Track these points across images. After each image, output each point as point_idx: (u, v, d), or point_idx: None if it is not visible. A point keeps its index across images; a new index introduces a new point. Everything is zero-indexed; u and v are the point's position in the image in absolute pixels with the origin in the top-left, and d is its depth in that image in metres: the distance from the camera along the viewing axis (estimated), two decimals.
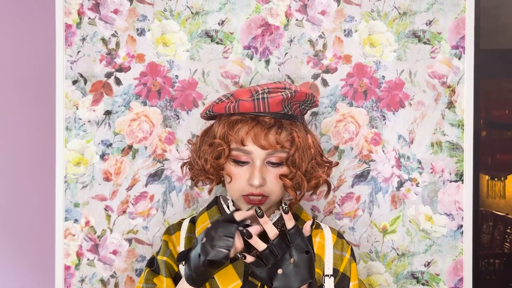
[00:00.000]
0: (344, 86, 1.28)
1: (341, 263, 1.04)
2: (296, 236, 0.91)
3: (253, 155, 0.98)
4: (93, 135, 1.28)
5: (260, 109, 0.97)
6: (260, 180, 0.97)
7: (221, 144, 0.99)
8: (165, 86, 1.28)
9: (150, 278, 1.05)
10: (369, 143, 1.28)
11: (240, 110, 0.98)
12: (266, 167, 0.99)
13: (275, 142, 0.97)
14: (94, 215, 1.28)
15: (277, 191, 1.01)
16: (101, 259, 1.29)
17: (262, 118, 0.98)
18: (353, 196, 1.28)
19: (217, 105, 1.01)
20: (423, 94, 1.28)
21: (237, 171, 1.00)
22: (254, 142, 0.97)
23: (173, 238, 1.09)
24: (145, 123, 1.28)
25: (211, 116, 1.06)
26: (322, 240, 1.06)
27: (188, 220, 1.11)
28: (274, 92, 0.98)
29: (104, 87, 1.29)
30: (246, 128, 0.98)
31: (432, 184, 1.28)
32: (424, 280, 1.28)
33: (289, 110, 1.00)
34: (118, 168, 1.28)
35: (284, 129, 0.99)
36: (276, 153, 0.98)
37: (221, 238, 0.90)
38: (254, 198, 0.99)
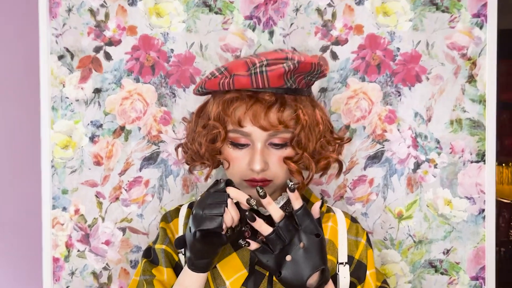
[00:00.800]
0: (355, 59, 1.18)
1: (356, 250, 0.95)
2: (304, 217, 0.81)
3: (253, 137, 0.88)
4: (81, 115, 1.18)
5: (258, 85, 0.86)
6: (262, 165, 0.87)
7: (216, 126, 0.89)
8: (160, 61, 1.18)
9: (148, 269, 0.95)
10: (383, 122, 1.18)
11: (235, 86, 0.87)
12: (268, 149, 0.89)
13: (277, 122, 0.87)
14: (84, 202, 1.19)
15: (282, 175, 0.91)
16: (92, 250, 1.19)
17: (262, 95, 0.87)
18: (365, 179, 1.18)
19: (210, 81, 0.90)
20: (441, 68, 1.18)
21: (235, 155, 0.90)
22: (253, 123, 0.86)
23: (171, 225, 0.99)
24: (138, 101, 1.18)
25: (204, 93, 0.96)
26: (335, 224, 0.96)
27: (186, 206, 1.01)
28: (274, 64, 0.86)
29: (93, 63, 1.18)
30: (243, 107, 0.87)
31: (452, 165, 1.18)
32: (442, 269, 1.19)
33: (293, 84, 0.88)
34: (109, 151, 1.18)
35: (288, 106, 0.88)
36: (279, 133, 0.88)
37: (212, 206, 0.81)
38: (257, 183, 0.89)
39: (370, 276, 0.94)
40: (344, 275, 0.92)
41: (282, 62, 0.86)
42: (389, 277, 1.19)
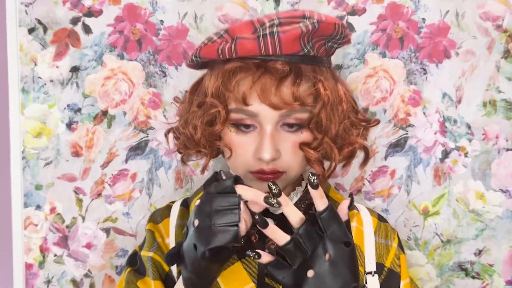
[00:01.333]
0: (374, 32, 1.02)
1: (386, 256, 0.79)
2: (331, 221, 0.62)
3: (261, 118, 0.71)
4: (57, 98, 1.01)
5: (268, 51, 0.69)
6: (272, 153, 0.70)
7: (215, 104, 0.72)
8: (147, 34, 1.01)
9: (133, 281, 0.79)
10: (406, 104, 1.03)
11: (239, 53, 0.70)
12: (279, 133, 0.72)
13: (291, 98, 0.70)
14: (61, 199, 1.02)
15: (297, 166, 0.74)
16: (71, 254, 1.03)
17: (272, 64, 0.70)
18: (386, 170, 1.03)
19: (206, 48, 0.73)
20: (473, 41, 1.02)
21: (239, 141, 0.74)
22: (262, 100, 0.70)
23: (160, 227, 0.83)
24: (123, 82, 1.01)
25: (200, 64, 0.79)
26: (360, 225, 0.80)
27: (179, 203, 0.85)
28: (288, 24, 0.70)
29: (70, 37, 1.01)
30: (249, 80, 0.70)
31: (485, 153, 1.03)
32: (474, 272, 1.04)
33: (311, 50, 0.71)
34: (89, 140, 1.02)
35: (305, 78, 0.71)
36: (294, 113, 0.71)
37: (221, 213, 0.63)
38: (267, 175, 0.73)
39: (404, 287, 0.78)
40: (374, 287, 0.75)
41: (298, 22, 0.69)
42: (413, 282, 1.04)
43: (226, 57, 0.71)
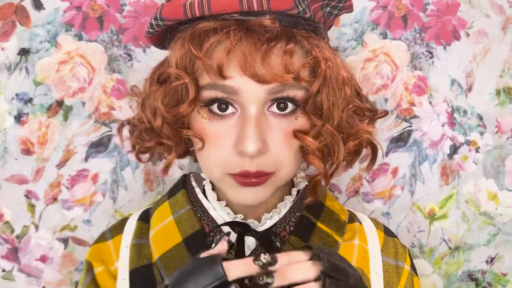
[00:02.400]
0: (374, 9, 0.89)
1: (397, 280, 0.65)
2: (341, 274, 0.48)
3: (243, 97, 0.55)
4: (3, 86, 0.87)
5: (252, 5, 0.53)
6: (258, 144, 0.54)
7: (180, 77, 0.56)
8: (110, 10, 0.87)
9: None
10: (410, 92, 0.90)
11: (213, 9, 0.53)
12: (267, 119, 0.57)
13: (283, 69, 0.54)
14: (10, 205, 0.88)
15: (290, 162, 0.58)
16: (23, 269, 0.89)
17: (258, 21, 0.54)
18: (388, 168, 0.91)
19: (170, 4, 0.56)
20: (485, 20, 0.91)
21: (213, 129, 0.57)
22: (244, 71, 0.53)
23: (109, 246, 0.66)
24: (82, 66, 0.87)
25: (163, 34, 0.62)
26: (363, 242, 0.66)
27: (136, 216, 0.69)
28: None
29: (17, 14, 0.86)
30: (226, 44, 0.54)
31: (498, 148, 0.92)
32: (485, 282, 0.94)
33: (306, 10, 0.55)
34: (43, 135, 0.87)
35: (299, 44, 0.56)
36: (286, 89, 0.55)
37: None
38: (251, 179, 0.57)
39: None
40: None
41: None
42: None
43: (196, 15, 0.54)
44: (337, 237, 0.63)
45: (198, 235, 0.61)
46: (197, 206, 0.64)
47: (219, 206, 0.63)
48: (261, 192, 0.57)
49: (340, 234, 0.64)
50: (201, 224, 0.63)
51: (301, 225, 0.63)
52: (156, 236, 0.63)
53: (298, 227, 0.63)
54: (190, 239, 0.61)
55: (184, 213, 0.64)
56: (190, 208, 0.64)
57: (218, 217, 0.63)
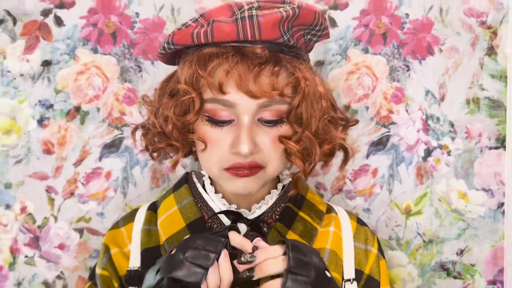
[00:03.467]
0: (357, 27, 0.99)
1: (366, 262, 0.76)
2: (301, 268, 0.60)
3: (238, 109, 0.67)
4: (27, 93, 0.97)
5: (246, 35, 0.65)
6: (250, 146, 0.66)
7: (188, 92, 0.67)
8: (122, 27, 0.97)
9: None
10: (389, 101, 1.00)
11: (215, 37, 0.65)
12: (258, 127, 0.68)
13: (270, 87, 0.65)
14: (33, 199, 0.98)
15: (276, 161, 0.70)
16: (43, 255, 0.99)
17: (251, 49, 0.65)
18: (368, 169, 1.01)
19: (180, 33, 0.68)
20: (456, 38, 1.00)
21: (214, 134, 0.69)
22: (239, 88, 0.65)
23: (122, 232, 0.78)
24: (97, 77, 0.98)
25: (172, 55, 0.74)
26: (338, 229, 0.77)
27: (146, 207, 0.81)
28: (267, 8, 0.66)
29: (41, 30, 0.97)
30: (226, 66, 0.65)
31: (467, 152, 1.01)
32: (456, 272, 1.03)
33: (290, 39, 0.67)
34: (62, 137, 0.98)
35: (284, 67, 0.67)
36: (273, 104, 0.67)
37: (198, 252, 0.60)
38: (243, 170, 0.68)
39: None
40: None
41: (278, 6, 0.66)
42: (395, 282, 1.02)
43: (202, 42, 0.66)
44: (315, 224, 0.74)
45: (199, 221, 0.73)
46: (198, 198, 0.75)
47: (217, 197, 0.75)
48: (251, 183, 0.69)
49: (318, 222, 0.75)
50: (201, 212, 0.74)
51: (285, 214, 0.74)
52: (163, 222, 0.75)
53: (282, 215, 0.74)
54: (192, 224, 0.72)
55: (187, 203, 0.75)
56: (192, 199, 0.75)
57: (215, 207, 0.74)
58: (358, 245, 0.77)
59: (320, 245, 0.74)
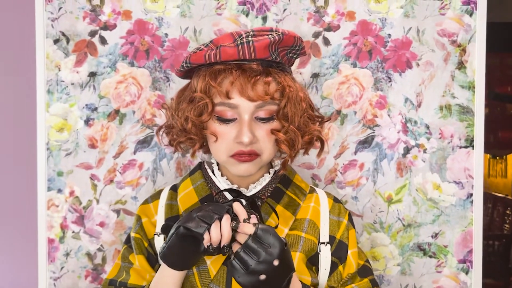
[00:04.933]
0: (347, 45, 1.19)
1: (338, 230, 0.96)
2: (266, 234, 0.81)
3: (240, 109, 0.88)
4: (77, 98, 1.19)
5: (245, 55, 0.87)
6: (250, 137, 0.87)
7: (203, 98, 0.88)
8: (154, 45, 1.19)
9: (127, 256, 0.99)
10: (373, 107, 1.20)
11: (222, 57, 0.87)
12: (255, 123, 0.90)
13: (263, 93, 0.87)
14: (79, 184, 1.20)
15: (269, 149, 0.91)
16: (87, 231, 1.20)
17: (248, 65, 0.87)
18: (356, 163, 1.20)
19: (195, 55, 0.89)
20: (431, 54, 1.19)
21: (222, 129, 0.90)
22: (241, 94, 0.87)
23: (151, 206, 1.00)
24: (133, 85, 1.19)
25: (187, 71, 0.96)
26: (317, 205, 0.97)
27: (168, 188, 1.03)
28: (260, 35, 0.88)
29: (88, 47, 1.19)
30: (230, 78, 0.87)
31: (441, 150, 1.20)
32: (431, 252, 1.21)
33: (277, 57, 0.89)
34: (104, 134, 1.20)
35: (273, 78, 0.89)
36: (266, 105, 0.89)
37: (206, 212, 0.82)
38: (245, 156, 0.89)
39: (352, 255, 0.95)
40: (326, 254, 0.93)
41: (268, 34, 0.88)
42: (378, 259, 1.21)
43: (212, 61, 0.88)
44: (299, 200, 0.95)
45: (208, 196, 0.95)
46: (208, 180, 0.97)
47: (222, 179, 0.96)
48: (250, 167, 0.90)
49: (302, 199, 0.95)
50: (210, 190, 0.96)
51: (275, 192, 0.95)
52: (182, 198, 0.97)
53: (273, 193, 0.95)
54: (203, 199, 0.95)
55: (200, 184, 0.97)
56: (204, 181, 0.97)
57: (221, 186, 0.95)
58: (332, 217, 0.97)
59: (302, 215, 0.95)
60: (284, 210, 0.94)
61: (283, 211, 0.94)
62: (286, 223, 0.93)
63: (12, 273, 1.30)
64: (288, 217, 0.93)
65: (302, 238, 0.93)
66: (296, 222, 0.94)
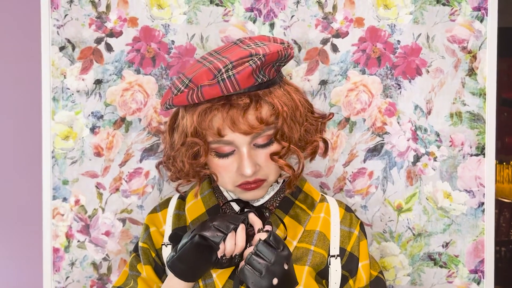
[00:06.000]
0: (355, 52, 1.18)
1: (348, 242, 0.93)
2: (278, 241, 0.83)
3: (236, 143, 0.84)
4: (82, 106, 1.18)
5: (229, 90, 0.81)
6: (253, 168, 0.84)
7: (196, 142, 0.85)
8: (160, 52, 1.18)
9: (135, 265, 0.97)
10: (383, 114, 1.18)
11: (206, 97, 0.82)
12: (254, 150, 0.86)
13: (257, 122, 0.83)
14: (85, 193, 1.19)
15: (274, 172, 0.89)
16: (92, 240, 1.19)
17: (235, 100, 0.82)
18: (365, 171, 1.19)
19: (177, 97, 0.84)
20: (441, 60, 1.17)
21: (223, 164, 0.87)
22: (233, 130, 0.82)
23: (159, 216, 0.99)
24: (139, 93, 1.18)
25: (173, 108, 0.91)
26: (327, 215, 0.95)
27: (176, 197, 1.01)
28: (240, 65, 0.81)
29: (94, 54, 1.18)
30: (219, 116, 0.83)
31: (451, 158, 1.18)
32: (442, 262, 1.19)
33: (264, 77, 0.84)
34: (110, 142, 1.18)
35: (264, 102, 0.84)
36: (262, 133, 0.85)
37: (223, 221, 0.82)
38: (251, 185, 0.87)
39: (362, 268, 0.93)
40: (336, 268, 0.91)
41: (248, 60, 0.81)
42: (388, 269, 1.19)
43: (196, 102, 0.83)
44: (309, 211, 0.93)
45: (215, 207, 0.94)
46: (216, 189, 0.95)
47: None
48: (258, 192, 0.89)
49: (311, 209, 0.93)
50: (218, 201, 0.94)
51: (284, 203, 0.93)
52: (189, 208, 0.95)
53: (281, 204, 0.93)
54: (210, 209, 0.93)
55: (207, 194, 0.95)
56: (211, 191, 0.95)
57: (229, 196, 0.94)
58: (343, 227, 0.95)
59: (311, 227, 0.93)
60: (292, 221, 0.92)
61: (292, 222, 0.92)
62: (294, 235, 0.91)
63: (17, 283, 1.29)
64: (297, 229, 0.92)
65: (311, 251, 0.91)
66: (305, 234, 0.92)
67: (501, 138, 3.33)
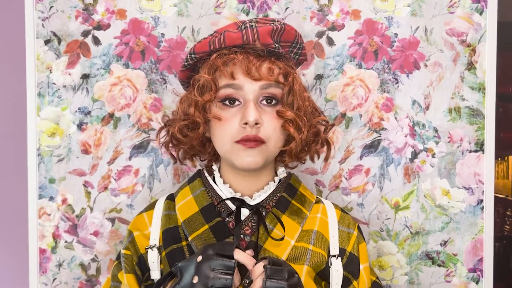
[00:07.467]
0: (352, 46, 1.14)
1: (348, 242, 0.91)
2: (278, 272, 0.77)
3: (245, 91, 0.85)
4: (69, 102, 1.14)
5: (249, 39, 0.86)
6: (256, 115, 0.83)
7: (207, 79, 0.86)
8: (150, 46, 1.14)
9: (116, 274, 0.93)
10: (380, 110, 1.15)
11: (226, 42, 0.87)
12: (260, 107, 0.87)
13: (268, 73, 0.86)
14: (72, 192, 1.15)
15: (276, 135, 0.86)
16: (80, 241, 1.15)
17: (253, 47, 0.87)
18: (361, 168, 1.15)
19: (200, 43, 0.89)
20: (440, 54, 1.14)
21: (226, 114, 0.86)
22: (245, 74, 0.85)
23: (144, 216, 0.94)
24: (128, 88, 1.14)
25: (193, 65, 0.91)
26: (324, 216, 0.92)
27: (164, 198, 0.97)
28: (263, 23, 0.89)
29: (81, 48, 1.14)
30: (235, 61, 0.86)
31: (450, 154, 1.15)
32: (440, 261, 1.16)
33: (279, 47, 0.89)
34: (98, 139, 1.14)
35: (277, 65, 0.88)
36: (270, 87, 0.86)
37: (218, 276, 0.75)
38: (250, 142, 0.84)
39: (364, 270, 0.90)
40: (337, 268, 0.87)
41: (270, 22, 0.89)
42: (385, 269, 1.16)
43: (216, 47, 0.87)
44: (305, 211, 0.90)
45: (209, 206, 0.89)
46: (209, 188, 0.91)
47: (225, 187, 0.90)
48: (257, 156, 0.85)
49: (308, 210, 0.90)
50: (211, 199, 0.90)
51: (281, 202, 0.89)
52: (180, 208, 0.91)
53: (278, 202, 0.89)
54: (204, 208, 0.89)
55: (200, 192, 0.91)
56: (204, 189, 0.91)
57: (223, 195, 0.90)
58: (342, 228, 0.91)
59: (309, 227, 0.89)
60: (290, 221, 0.88)
61: (289, 222, 0.88)
62: (292, 234, 0.87)
63: (2, 285, 1.25)
64: (295, 228, 0.88)
65: (309, 250, 0.87)
66: (303, 234, 0.89)
67: (496, 133, 3.32)
